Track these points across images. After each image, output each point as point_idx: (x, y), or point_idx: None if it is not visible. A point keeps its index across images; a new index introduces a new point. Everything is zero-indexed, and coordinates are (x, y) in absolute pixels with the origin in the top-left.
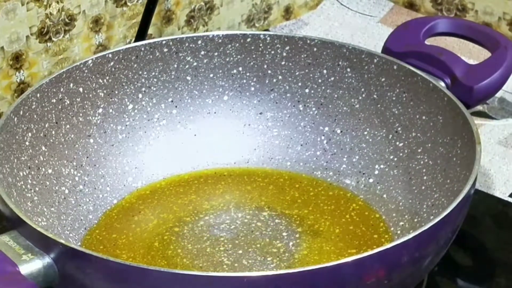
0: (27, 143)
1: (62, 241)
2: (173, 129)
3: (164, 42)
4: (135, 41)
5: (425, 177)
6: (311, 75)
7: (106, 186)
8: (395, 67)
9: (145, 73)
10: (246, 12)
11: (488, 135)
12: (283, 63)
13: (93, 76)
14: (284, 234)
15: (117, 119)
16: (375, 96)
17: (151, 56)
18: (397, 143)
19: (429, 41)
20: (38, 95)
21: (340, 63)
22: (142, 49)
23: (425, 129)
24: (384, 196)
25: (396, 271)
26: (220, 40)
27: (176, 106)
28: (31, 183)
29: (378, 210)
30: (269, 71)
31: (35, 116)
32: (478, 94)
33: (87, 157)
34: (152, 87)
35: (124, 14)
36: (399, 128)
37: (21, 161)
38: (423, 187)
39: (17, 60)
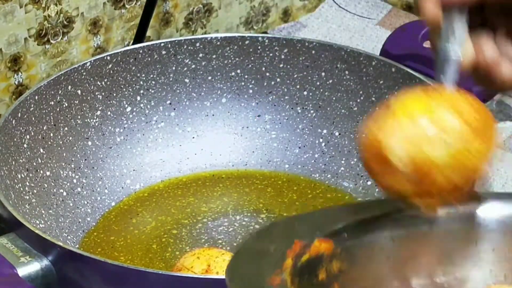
0: (25, 145)
1: (60, 243)
2: (171, 131)
3: (162, 44)
4: (133, 43)
5: None
6: (309, 77)
7: (104, 188)
8: (393, 69)
9: (143, 75)
10: (244, 14)
11: None
12: (281, 65)
13: (91, 79)
14: None
15: (115, 122)
16: (373, 98)
17: (149, 59)
18: None
19: (427, 44)
20: (36, 97)
21: (338, 65)
22: (141, 51)
23: None
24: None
25: None
26: (218, 43)
27: (174, 109)
28: (29, 185)
29: None
30: (268, 74)
31: (33, 118)
32: (477, 96)
33: (85, 160)
34: (151, 90)
35: (122, 16)
36: None
37: (19, 163)
38: None
39: (15, 62)
